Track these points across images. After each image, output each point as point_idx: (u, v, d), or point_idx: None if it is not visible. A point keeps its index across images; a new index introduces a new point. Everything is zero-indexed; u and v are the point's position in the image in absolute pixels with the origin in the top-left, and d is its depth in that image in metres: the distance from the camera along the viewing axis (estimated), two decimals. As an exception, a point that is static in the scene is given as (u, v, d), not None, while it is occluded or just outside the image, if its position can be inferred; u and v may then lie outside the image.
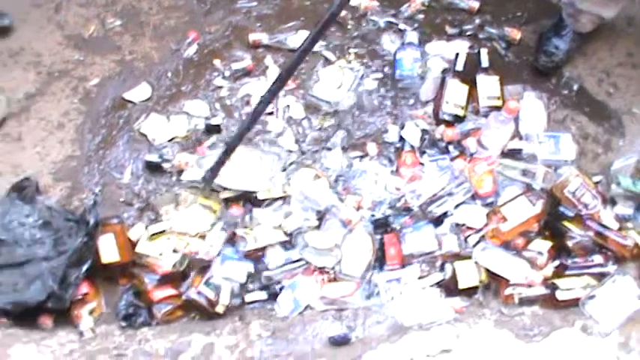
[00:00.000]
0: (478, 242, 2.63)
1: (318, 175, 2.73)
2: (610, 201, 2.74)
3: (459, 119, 2.86)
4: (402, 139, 2.84)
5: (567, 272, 2.59)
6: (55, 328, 2.54)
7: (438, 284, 2.58)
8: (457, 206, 2.67)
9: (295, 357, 2.34)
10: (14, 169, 2.77)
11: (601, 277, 2.57)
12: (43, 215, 2.58)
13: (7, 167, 2.77)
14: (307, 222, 2.63)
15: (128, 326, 2.55)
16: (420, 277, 2.58)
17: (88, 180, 2.80)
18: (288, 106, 2.92)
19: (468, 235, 2.64)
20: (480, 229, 2.64)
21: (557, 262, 2.62)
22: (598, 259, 2.60)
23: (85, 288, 2.58)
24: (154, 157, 2.81)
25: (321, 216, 2.66)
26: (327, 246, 2.57)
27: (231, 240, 2.64)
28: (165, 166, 2.80)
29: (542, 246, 2.63)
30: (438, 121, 2.88)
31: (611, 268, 2.59)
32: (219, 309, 2.52)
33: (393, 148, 2.87)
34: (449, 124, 2.86)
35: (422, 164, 2.79)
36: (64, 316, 2.57)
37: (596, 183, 2.74)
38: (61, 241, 2.54)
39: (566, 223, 2.63)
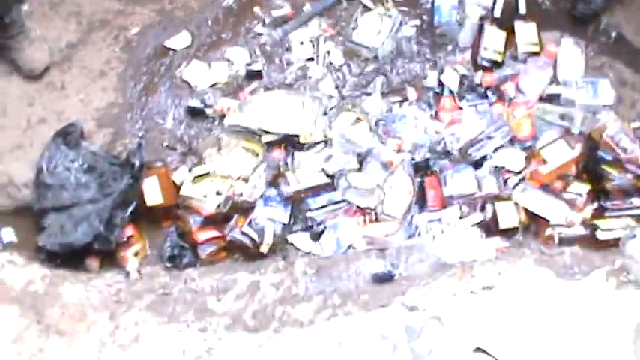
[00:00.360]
0: (517, 184, 2.66)
1: (359, 118, 2.75)
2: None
3: (497, 65, 2.87)
4: (441, 84, 2.87)
5: (606, 214, 2.62)
6: (101, 270, 2.60)
7: (479, 224, 2.62)
8: (496, 150, 2.69)
9: (340, 293, 2.36)
10: (58, 116, 2.79)
11: (640, 218, 2.59)
12: (88, 160, 2.63)
13: (51, 115, 2.79)
14: (348, 164, 2.66)
15: (173, 267, 2.61)
16: (460, 218, 2.62)
17: (131, 126, 2.83)
18: (328, 52, 2.94)
19: (508, 178, 2.67)
20: (519, 172, 2.67)
21: (595, 205, 2.64)
22: (637, 201, 2.62)
23: (129, 230, 2.65)
24: (196, 103, 2.83)
25: (361, 159, 2.70)
26: (369, 187, 2.60)
27: (274, 182, 2.68)
28: (208, 111, 2.82)
29: (581, 188, 2.66)
30: (477, 67, 2.89)
31: (651, 209, 2.60)
32: (263, 248, 2.56)
33: (432, 93, 2.90)
34: (487, 69, 2.87)
35: (461, 108, 2.82)
36: (109, 259, 2.64)
37: (635, 129, 2.74)
38: (106, 185, 2.59)
39: (604, 167, 2.64)
